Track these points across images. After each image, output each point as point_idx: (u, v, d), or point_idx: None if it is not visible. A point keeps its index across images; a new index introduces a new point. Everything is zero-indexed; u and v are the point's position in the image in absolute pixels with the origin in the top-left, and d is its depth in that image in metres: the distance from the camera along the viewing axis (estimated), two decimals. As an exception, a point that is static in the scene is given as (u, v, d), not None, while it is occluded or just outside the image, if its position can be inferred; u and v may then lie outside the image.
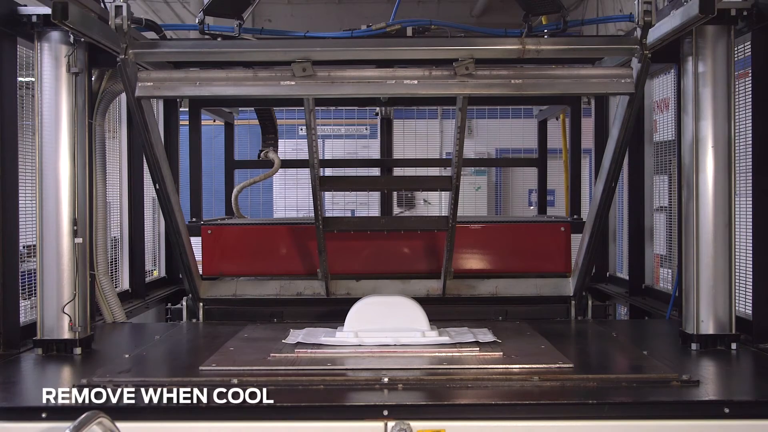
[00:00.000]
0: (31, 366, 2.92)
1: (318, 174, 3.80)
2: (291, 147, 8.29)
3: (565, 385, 2.46)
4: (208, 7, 3.33)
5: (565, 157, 5.67)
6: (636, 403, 2.33)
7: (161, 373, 2.94)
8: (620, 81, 3.17)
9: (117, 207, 4.52)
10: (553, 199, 6.88)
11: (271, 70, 3.19)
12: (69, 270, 3.08)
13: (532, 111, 6.28)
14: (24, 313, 3.30)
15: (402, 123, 8.63)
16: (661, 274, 4.39)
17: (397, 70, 3.21)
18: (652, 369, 2.69)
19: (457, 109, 3.52)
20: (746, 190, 3.22)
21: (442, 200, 8.01)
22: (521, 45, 3.07)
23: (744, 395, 2.52)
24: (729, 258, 3.06)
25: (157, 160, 3.41)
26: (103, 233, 3.75)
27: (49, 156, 3.07)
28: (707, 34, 3.06)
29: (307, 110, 3.48)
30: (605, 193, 3.53)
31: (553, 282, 4.12)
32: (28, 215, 3.26)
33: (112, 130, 4.38)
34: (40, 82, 3.07)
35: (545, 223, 4.58)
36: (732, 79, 3.06)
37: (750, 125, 3.21)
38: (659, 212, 4.38)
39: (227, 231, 4.43)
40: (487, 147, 10.16)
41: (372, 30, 3.37)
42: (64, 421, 2.11)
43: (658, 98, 4.39)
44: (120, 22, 2.89)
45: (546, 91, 3.33)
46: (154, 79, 3.20)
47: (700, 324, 3.06)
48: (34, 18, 3.02)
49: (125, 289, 4.47)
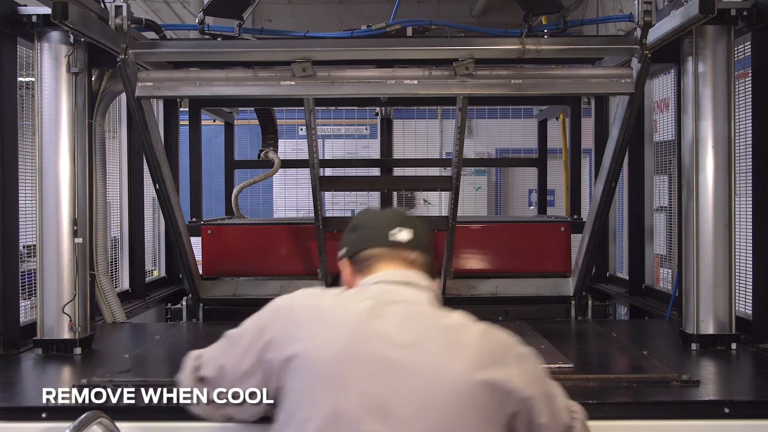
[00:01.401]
0: (31, 366, 2.92)
1: (318, 174, 3.81)
2: (291, 147, 8.28)
3: (565, 385, 2.43)
4: (208, 7, 3.32)
5: (565, 157, 5.67)
6: (636, 403, 2.34)
7: (161, 373, 2.94)
8: (620, 81, 3.18)
9: (117, 207, 4.51)
10: (553, 199, 6.88)
11: (271, 70, 3.19)
12: (69, 270, 3.08)
13: (532, 111, 6.27)
14: (24, 313, 3.30)
15: (402, 123, 8.63)
16: (661, 274, 4.39)
17: (397, 70, 3.21)
18: (652, 369, 2.69)
19: (457, 109, 3.52)
20: (746, 190, 3.22)
21: (442, 200, 8.00)
22: (521, 45, 3.07)
23: (744, 395, 2.52)
24: (729, 258, 3.06)
25: (157, 160, 3.41)
26: (103, 233, 3.74)
27: (49, 156, 3.07)
28: (707, 34, 3.06)
29: (307, 110, 3.48)
30: (605, 193, 3.53)
31: (553, 282, 4.11)
32: (28, 215, 3.26)
33: (112, 130, 4.38)
34: (40, 82, 3.07)
35: (545, 223, 4.58)
36: (732, 79, 3.06)
37: (750, 125, 3.21)
38: (659, 212, 4.38)
39: (227, 231, 4.43)
40: (487, 147, 10.15)
41: (372, 30, 3.37)
42: (64, 421, 2.10)
43: (658, 98, 4.39)
44: (120, 22, 2.89)
45: (546, 91, 3.33)
46: (154, 79, 3.20)
47: (700, 324, 3.06)
48: (34, 18, 3.01)
49: (125, 289, 4.47)
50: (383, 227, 1.74)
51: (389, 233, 1.72)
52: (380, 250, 1.72)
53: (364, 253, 1.74)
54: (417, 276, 1.71)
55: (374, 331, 1.58)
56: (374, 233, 1.74)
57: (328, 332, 1.60)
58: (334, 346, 1.58)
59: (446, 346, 1.56)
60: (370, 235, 1.75)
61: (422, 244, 1.75)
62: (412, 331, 1.59)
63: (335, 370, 1.56)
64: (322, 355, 1.58)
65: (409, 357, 1.55)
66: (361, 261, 1.74)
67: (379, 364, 1.55)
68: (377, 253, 1.72)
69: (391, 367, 1.55)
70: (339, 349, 1.57)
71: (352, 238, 1.78)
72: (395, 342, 1.57)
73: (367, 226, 1.78)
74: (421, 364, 1.54)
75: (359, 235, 1.77)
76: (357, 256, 1.75)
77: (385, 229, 1.73)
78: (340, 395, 1.54)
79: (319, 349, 1.59)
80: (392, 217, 1.78)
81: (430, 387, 1.52)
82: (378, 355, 1.56)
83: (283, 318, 1.68)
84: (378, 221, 1.78)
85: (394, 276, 1.69)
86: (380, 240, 1.72)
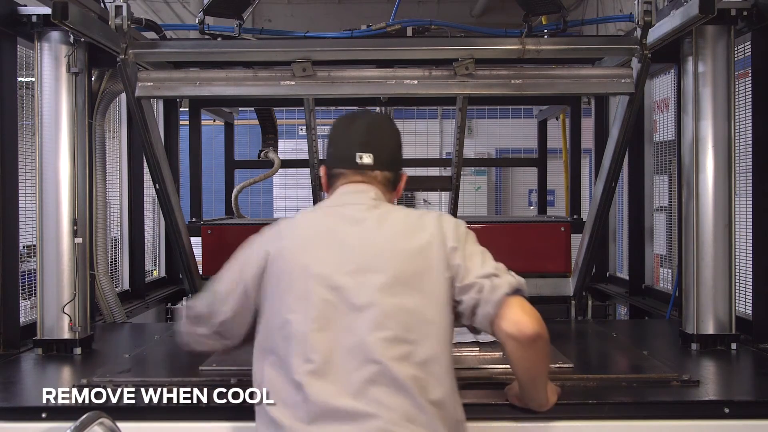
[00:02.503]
0: (31, 366, 2.92)
1: (318, 174, 3.80)
2: (291, 147, 8.28)
3: (565, 385, 2.45)
4: (208, 7, 3.32)
5: (565, 157, 5.67)
6: (636, 403, 2.34)
7: (161, 373, 2.94)
8: (620, 81, 3.17)
9: (117, 207, 4.51)
10: (553, 199, 6.88)
11: (271, 70, 3.19)
12: (69, 270, 3.08)
13: (532, 111, 6.27)
14: (24, 313, 3.30)
15: (402, 123, 8.63)
16: (661, 274, 4.39)
17: (397, 70, 3.20)
18: (652, 369, 2.69)
19: (457, 109, 3.52)
20: (746, 190, 3.22)
21: (442, 200, 8.00)
22: (521, 45, 3.07)
23: (744, 395, 2.52)
24: (729, 258, 3.06)
25: (157, 160, 3.41)
26: (103, 233, 3.75)
27: (49, 156, 3.07)
28: (707, 34, 3.06)
29: (307, 110, 3.48)
30: (605, 193, 3.53)
31: (553, 282, 4.11)
32: (28, 215, 3.26)
33: (112, 130, 4.38)
34: (40, 82, 3.07)
35: (545, 223, 4.58)
36: (732, 79, 3.06)
37: (750, 125, 3.21)
38: (659, 212, 4.38)
39: (227, 231, 4.43)
40: (487, 147, 10.16)
41: (372, 30, 3.37)
42: (64, 421, 2.11)
43: (658, 98, 4.39)
44: (120, 22, 2.88)
45: (546, 91, 3.32)
46: (154, 79, 3.20)
47: (700, 324, 3.06)
48: (34, 18, 3.01)
49: (125, 289, 4.47)
50: (351, 146, 2.12)
51: (356, 155, 2.10)
52: (346, 171, 2.13)
53: (335, 170, 2.17)
54: (370, 189, 2.11)
55: (329, 225, 2.02)
56: (343, 154, 2.13)
57: (293, 235, 2.03)
58: (299, 238, 2.00)
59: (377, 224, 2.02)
60: (340, 155, 2.15)
61: (383, 162, 2.13)
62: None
63: (302, 257, 1.95)
64: (288, 246, 1.98)
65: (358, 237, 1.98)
66: (333, 175, 2.17)
67: (336, 242, 1.96)
68: (344, 171, 2.14)
69: (346, 243, 1.96)
70: (302, 241, 1.99)
71: (329, 153, 2.19)
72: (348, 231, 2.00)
73: (339, 145, 2.17)
74: (365, 238, 1.98)
75: (332, 152, 2.18)
76: (330, 170, 2.18)
77: (352, 150, 2.11)
78: (309, 270, 1.92)
79: (287, 245, 1.99)
80: (361, 134, 2.13)
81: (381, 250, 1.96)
82: (335, 236, 1.98)
83: (256, 245, 2.06)
84: (348, 139, 2.15)
85: (353, 190, 2.12)
86: (347, 162, 2.12)
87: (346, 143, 2.14)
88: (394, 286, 1.89)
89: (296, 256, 1.95)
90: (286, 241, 2.00)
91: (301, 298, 1.89)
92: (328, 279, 1.90)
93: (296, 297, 1.90)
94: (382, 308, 1.86)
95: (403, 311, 1.87)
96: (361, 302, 1.87)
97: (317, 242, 1.98)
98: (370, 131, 2.14)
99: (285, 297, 1.92)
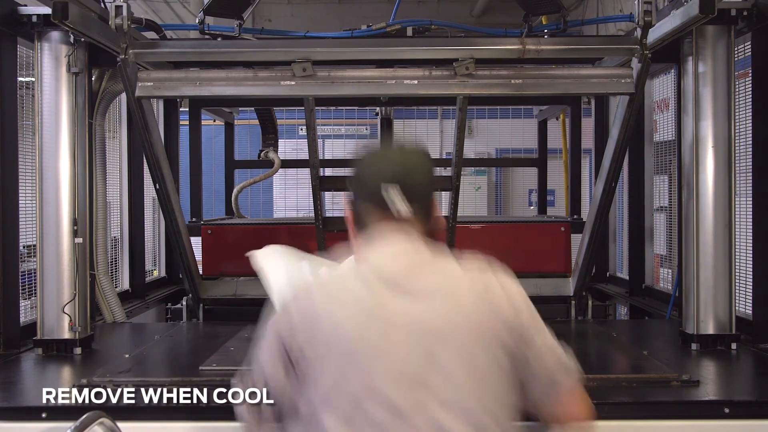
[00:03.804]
0: (31, 366, 2.93)
1: (318, 174, 3.81)
2: (291, 147, 8.28)
3: (565, 385, 2.45)
4: (208, 7, 3.32)
5: (565, 157, 5.67)
6: (636, 403, 2.34)
7: (161, 373, 2.94)
8: (620, 81, 3.17)
9: (117, 207, 4.52)
10: (553, 199, 6.88)
11: (271, 70, 3.19)
12: (69, 270, 3.08)
13: (532, 111, 6.27)
14: (24, 313, 3.30)
15: (402, 123, 8.64)
16: (661, 274, 4.39)
17: (397, 70, 3.21)
18: (652, 369, 2.69)
19: (457, 109, 3.52)
20: (746, 190, 3.22)
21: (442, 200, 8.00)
22: (521, 45, 3.07)
23: (744, 395, 2.53)
24: (729, 258, 3.06)
25: (157, 160, 3.41)
26: (103, 233, 3.75)
27: (49, 156, 3.07)
28: (707, 34, 3.06)
29: (307, 110, 3.48)
30: (605, 193, 3.53)
31: (553, 282, 4.11)
32: (28, 215, 3.26)
33: (112, 130, 4.38)
34: (40, 82, 3.07)
35: (545, 223, 4.58)
36: (732, 79, 3.06)
37: (750, 125, 3.21)
38: (659, 212, 4.38)
39: (227, 231, 4.43)
40: (487, 147, 10.16)
41: (372, 30, 3.37)
42: (64, 421, 2.11)
43: (658, 98, 4.39)
44: (120, 22, 2.89)
45: (546, 91, 3.33)
46: (154, 79, 3.20)
47: (700, 324, 3.06)
48: (34, 18, 3.01)
49: (125, 289, 4.47)
50: (378, 182, 1.72)
51: (384, 197, 1.71)
52: (375, 210, 1.74)
53: (360, 205, 1.79)
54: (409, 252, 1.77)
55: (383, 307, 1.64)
56: (370, 187, 1.74)
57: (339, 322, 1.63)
58: (349, 330, 1.61)
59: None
60: (366, 189, 1.77)
61: (417, 198, 1.76)
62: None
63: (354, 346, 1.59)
64: (338, 336, 1.61)
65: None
66: (360, 215, 1.80)
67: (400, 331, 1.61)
68: (371, 209, 1.75)
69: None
70: (351, 332, 1.61)
71: (352, 185, 1.83)
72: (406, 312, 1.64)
73: (363, 180, 1.79)
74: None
75: (357, 185, 1.81)
76: (355, 207, 1.82)
77: (379, 189, 1.71)
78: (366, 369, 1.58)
79: (335, 336, 1.61)
80: (388, 173, 1.73)
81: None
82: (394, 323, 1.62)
83: (287, 336, 1.66)
84: (373, 174, 1.75)
85: (389, 258, 1.73)
86: (376, 199, 1.73)
87: (371, 177, 1.78)
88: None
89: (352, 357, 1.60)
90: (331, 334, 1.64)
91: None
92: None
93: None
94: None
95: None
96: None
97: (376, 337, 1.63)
98: (398, 169, 1.75)
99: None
